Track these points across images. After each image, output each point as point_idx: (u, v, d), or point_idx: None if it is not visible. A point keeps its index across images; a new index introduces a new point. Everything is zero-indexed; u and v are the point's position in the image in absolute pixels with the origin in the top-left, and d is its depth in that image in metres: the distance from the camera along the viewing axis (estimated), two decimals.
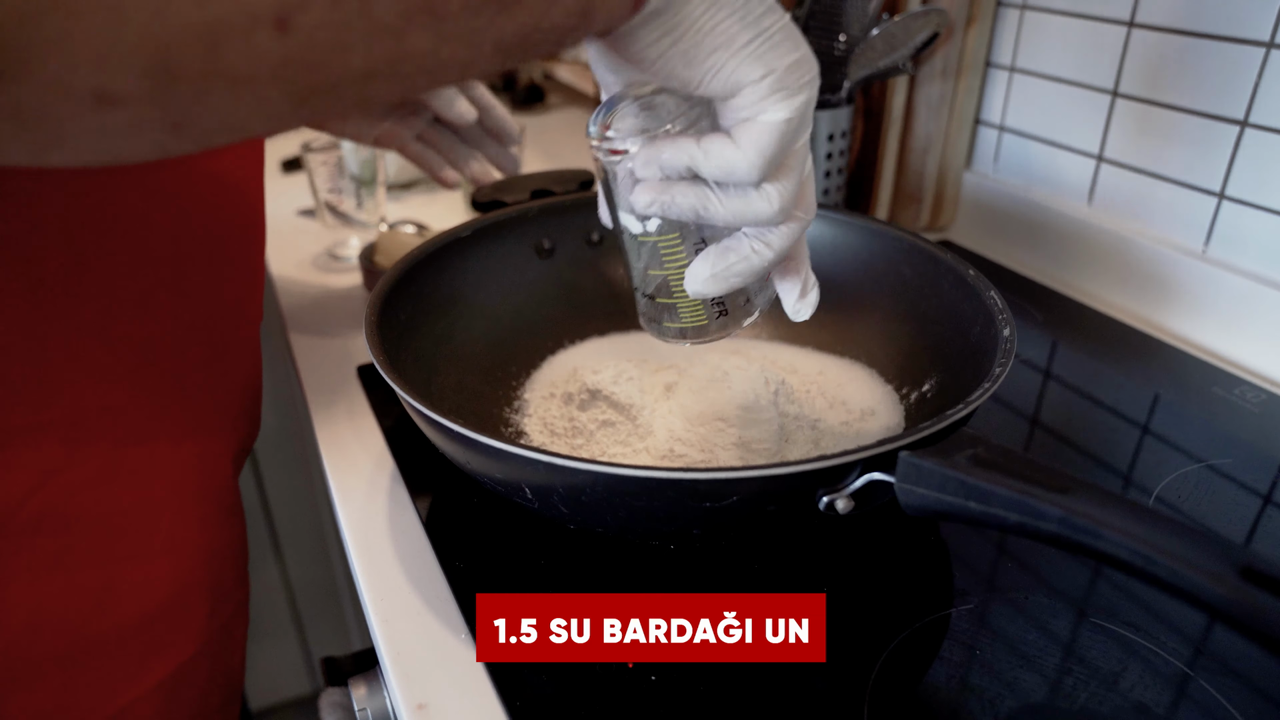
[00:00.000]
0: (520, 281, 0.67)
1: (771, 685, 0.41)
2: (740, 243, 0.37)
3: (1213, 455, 0.59)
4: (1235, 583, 0.26)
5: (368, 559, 0.51)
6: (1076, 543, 0.30)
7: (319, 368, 0.69)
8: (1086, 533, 0.30)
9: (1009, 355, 0.47)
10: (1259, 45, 0.65)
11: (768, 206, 0.35)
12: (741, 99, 0.33)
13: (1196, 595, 0.27)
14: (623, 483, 0.38)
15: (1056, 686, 0.41)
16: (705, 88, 0.34)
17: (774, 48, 0.33)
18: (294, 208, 1.01)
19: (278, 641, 1.42)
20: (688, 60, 0.33)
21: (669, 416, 0.55)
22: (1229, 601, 0.25)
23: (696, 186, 0.36)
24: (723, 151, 0.34)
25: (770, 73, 0.33)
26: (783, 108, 0.33)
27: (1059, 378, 0.69)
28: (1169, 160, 0.74)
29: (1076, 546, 0.30)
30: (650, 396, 0.57)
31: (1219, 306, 0.72)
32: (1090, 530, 0.30)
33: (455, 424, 0.41)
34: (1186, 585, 0.27)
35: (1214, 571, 0.26)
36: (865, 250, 0.65)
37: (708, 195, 0.36)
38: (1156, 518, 0.30)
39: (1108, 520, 0.30)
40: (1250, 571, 0.27)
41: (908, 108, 0.89)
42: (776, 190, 0.35)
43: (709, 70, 0.33)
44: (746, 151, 0.34)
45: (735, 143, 0.34)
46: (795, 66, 0.33)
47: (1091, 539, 0.30)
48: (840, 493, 0.39)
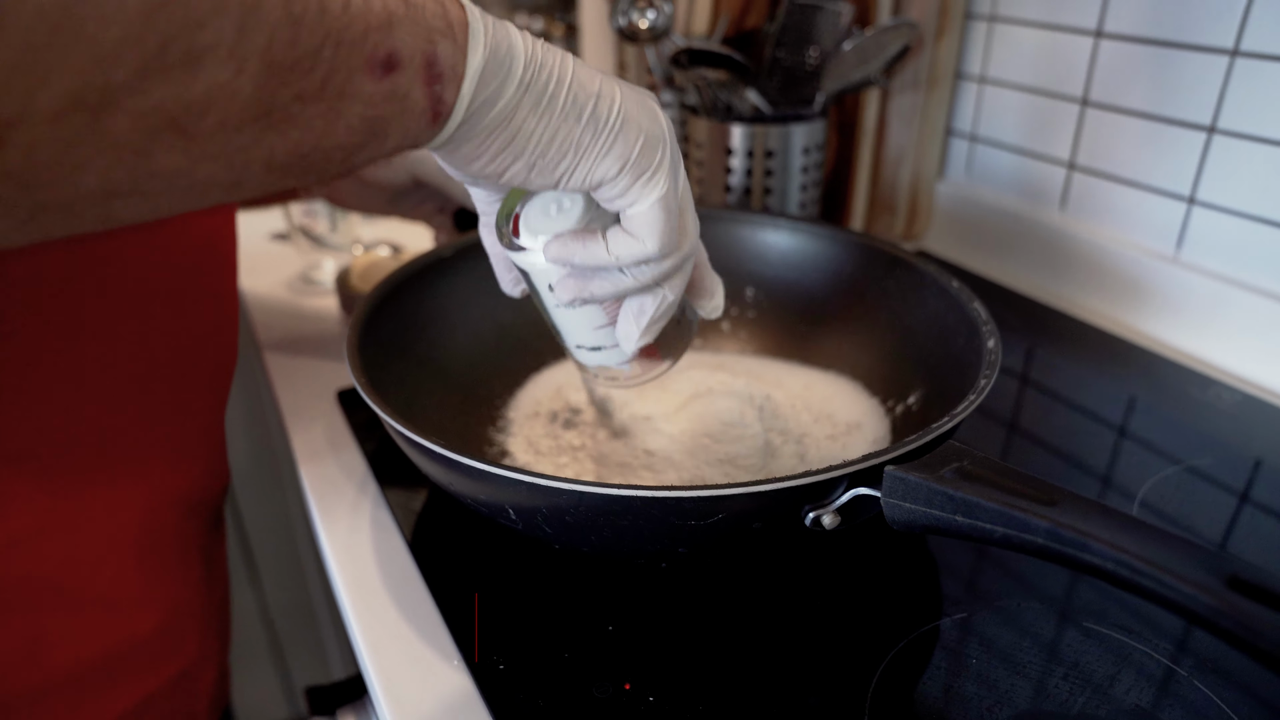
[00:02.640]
0: (503, 300, 0.66)
1: (769, 702, 0.41)
2: (649, 295, 0.38)
3: (1191, 456, 0.59)
4: (1222, 593, 0.26)
5: (353, 585, 0.50)
6: (1064, 555, 0.31)
7: (297, 393, 0.69)
8: (1074, 545, 0.30)
9: (994, 367, 0.47)
10: (1223, 53, 0.66)
11: (674, 262, 0.36)
12: (607, 193, 0.33)
13: (1184, 606, 0.27)
14: (607, 502, 0.38)
15: (1052, 693, 0.41)
16: (565, 188, 0.34)
17: (620, 138, 0.32)
18: (267, 231, 1.00)
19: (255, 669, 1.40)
20: (538, 170, 0.32)
21: (654, 434, 0.55)
22: (1216, 612, 0.26)
23: (610, 274, 0.36)
24: (629, 247, 0.35)
25: (624, 165, 0.32)
26: (651, 189, 0.33)
27: (1036, 383, 0.70)
28: (1139, 166, 0.75)
29: (1064, 559, 0.31)
30: (635, 414, 0.57)
31: (1192, 309, 0.73)
32: (1077, 543, 0.30)
33: (436, 445, 0.41)
34: (1174, 596, 0.27)
35: (1201, 582, 0.26)
36: (849, 264, 0.65)
37: (621, 278, 0.36)
38: (1143, 529, 0.30)
39: (1095, 532, 0.30)
40: (1237, 581, 0.27)
41: (880, 119, 0.90)
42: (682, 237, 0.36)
43: (562, 177, 0.33)
44: (647, 239, 0.34)
45: (632, 234, 0.34)
46: (646, 148, 0.33)
47: (1079, 551, 0.30)
48: (826, 508, 0.39)
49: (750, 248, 0.69)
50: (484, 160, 0.32)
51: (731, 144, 0.80)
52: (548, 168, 0.32)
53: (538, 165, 0.32)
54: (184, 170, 0.26)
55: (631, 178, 0.33)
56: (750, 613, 0.47)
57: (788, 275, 0.68)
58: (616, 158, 0.32)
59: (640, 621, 0.46)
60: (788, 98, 0.83)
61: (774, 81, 0.84)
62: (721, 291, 0.44)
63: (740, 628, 0.46)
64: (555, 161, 0.32)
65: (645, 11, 0.76)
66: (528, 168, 0.32)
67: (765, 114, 0.81)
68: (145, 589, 0.49)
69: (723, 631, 0.46)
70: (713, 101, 0.82)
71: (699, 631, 0.46)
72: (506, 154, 0.32)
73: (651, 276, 0.36)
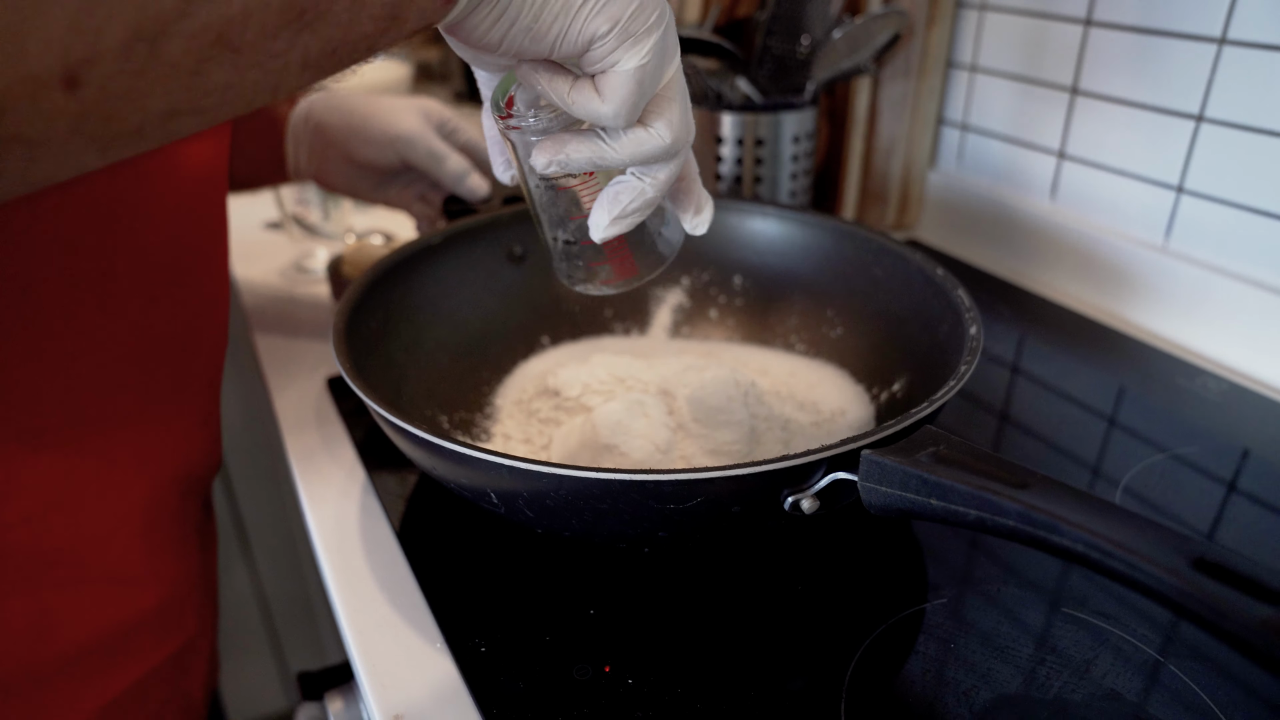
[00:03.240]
0: (492, 288, 0.67)
1: (747, 684, 0.42)
2: (629, 181, 0.38)
3: (1177, 445, 0.60)
4: (1188, 574, 0.26)
5: (340, 571, 0.50)
6: (1035, 537, 0.31)
7: (288, 380, 0.69)
8: (1044, 527, 0.30)
9: (974, 353, 0.47)
10: (1211, 41, 0.66)
11: (660, 142, 0.36)
12: (594, 54, 0.34)
13: (1150, 587, 0.27)
14: (586, 486, 0.38)
15: (1030, 677, 0.42)
16: (559, 54, 0.34)
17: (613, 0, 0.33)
18: (260, 220, 1.01)
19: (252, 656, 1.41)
20: (533, 36, 0.33)
21: (640, 419, 0.55)
22: (1182, 593, 0.26)
23: (589, 138, 0.37)
24: (588, 103, 0.35)
25: (615, 24, 0.33)
26: (633, 55, 0.34)
27: (1025, 372, 0.70)
28: (1128, 155, 0.75)
29: (1035, 541, 0.31)
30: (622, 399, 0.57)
31: (1180, 298, 0.73)
32: (1048, 525, 0.30)
33: (419, 429, 0.41)
34: (1141, 578, 0.27)
35: (1167, 564, 0.27)
36: (836, 252, 0.65)
37: (600, 144, 0.36)
38: (1113, 511, 0.30)
39: (1065, 515, 0.30)
40: (1204, 562, 0.27)
41: (872, 108, 0.90)
42: (666, 125, 0.36)
43: (556, 39, 0.33)
44: (609, 101, 0.34)
45: (599, 93, 0.35)
46: (638, 12, 0.33)
47: (1049, 534, 0.30)
48: (805, 492, 0.39)
49: (739, 235, 0.69)
50: (483, 29, 0.33)
51: (721, 132, 0.80)
52: (542, 31, 0.33)
53: (533, 29, 0.33)
54: (233, 83, 0.28)
55: (619, 39, 0.33)
56: (732, 597, 0.47)
57: (776, 263, 0.68)
58: (608, 17, 0.33)
59: (621, 605, 0.47)
60: (779, 86, 0.83)
61: (765, 70, 0.84)
62: (710, 210, 0.43)
63: (722, 612, 0.46)
64: (550, 22, 0.33)
65: None
66: (526, 34, 0.33)
67: (755, 102, 0.81)
68: (149, 566, 0.50)
69: (704, 615, 0.46)
70: (703, 90, 0.82)
71: (680, 615, 0.46)
72: (504, 21, 0.33)
73: (629, 153, 0.36)
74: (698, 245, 0.70)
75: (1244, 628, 0.24)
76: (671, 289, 0.70)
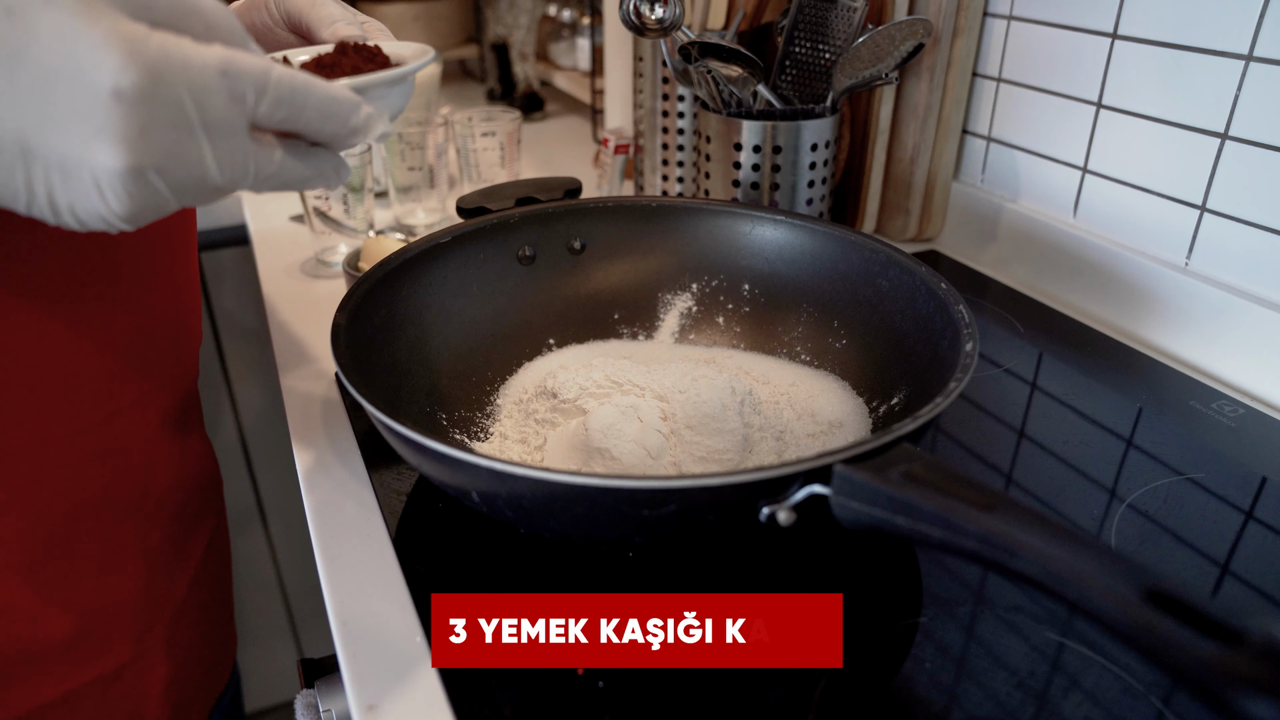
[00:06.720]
0: (500, 288, 0.67)
1: (721, 692, 0.42)
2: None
3: (1189, 468, 0.58)
4: (1136, 606, 0.26)
5: (332, 561, 0.51)
6: (995, 560, 0.30)
7: (300, 373, 0.70)
8: (1004, 551, 0.30)
9: (967, 371, 0.47)
10: (1238, 58, 0.65)
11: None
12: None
13: (1099, 617, 0.27)
14: (561, 490, 0.39)
15: (1004, 701, 0.41)
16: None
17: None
18: (284, 213, 1.03)
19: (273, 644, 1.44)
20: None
21: (634, 424, 0.56)
22: (1128, 624, 0.26)
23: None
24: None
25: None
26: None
27: (1043, 389, 0.69)
28: (1152, 172, 0.74)
29: (994, 565, 0.31)
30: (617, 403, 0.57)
31: (1199, 320, 0.71)
32: (1007, 549, 0.30)
33: (401, 425, 0.42)
34: (1091, 608, 0.27)
35: (1117, 594, 0.26)
36: (844, 262, 0.65)
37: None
38: (1073, 539, 0.30)
39: (1024, 540, 0.30)
40: (1156, 594, 0.27)
41: (895, 118, 0.89)
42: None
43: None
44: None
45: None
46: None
47: (1007, 558, 0.30)
48: (781, 505, 0.39)
49: (750, 243, 0.69)
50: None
51: (740, 139, 0.80)
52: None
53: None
54: None
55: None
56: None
57: (785, 271, 0.68)
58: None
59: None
60: (800, 94, 0.83)
61: (787, 77, 0.84)
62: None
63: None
64: None
65: (654, 5, 0.76)
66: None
67: (775, 110, 0.81)
68: (42, 599, 0.49)
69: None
70: (723, 96, 0.82)
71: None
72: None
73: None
74: (709, 252, 0.70)
75: (1185, 663, 0.24)
76: (681, 294, 0.70)
